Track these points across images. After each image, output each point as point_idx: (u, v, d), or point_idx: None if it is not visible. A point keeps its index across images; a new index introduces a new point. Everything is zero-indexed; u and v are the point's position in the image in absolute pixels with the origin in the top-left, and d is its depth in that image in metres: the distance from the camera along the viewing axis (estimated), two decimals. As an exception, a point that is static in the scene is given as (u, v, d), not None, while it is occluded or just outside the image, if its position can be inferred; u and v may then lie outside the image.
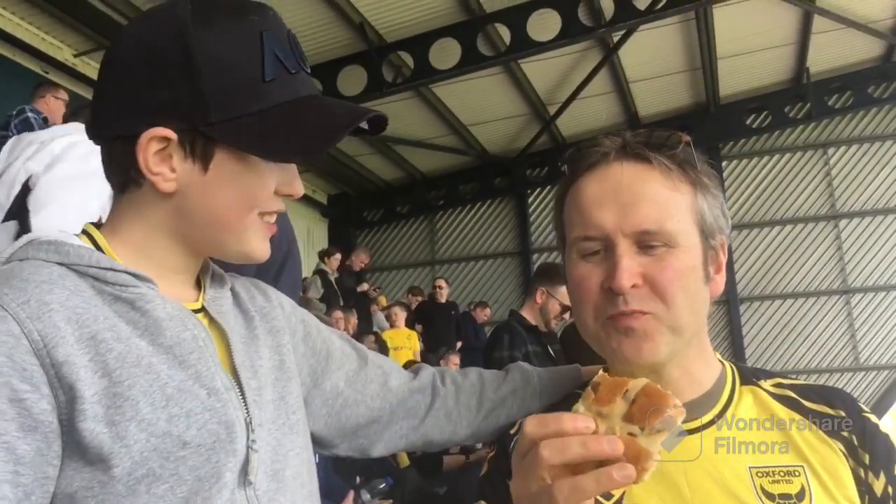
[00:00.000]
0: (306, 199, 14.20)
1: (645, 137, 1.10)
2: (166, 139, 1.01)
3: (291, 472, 1.09)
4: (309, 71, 1.09)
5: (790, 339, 13.62)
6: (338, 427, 1.30)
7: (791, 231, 13.92)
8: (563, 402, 1.25)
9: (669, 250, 1.05)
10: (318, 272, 10.41)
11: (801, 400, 1.13)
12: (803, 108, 13.47)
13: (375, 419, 1.32)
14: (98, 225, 1.10)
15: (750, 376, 1.18)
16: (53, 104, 6.49)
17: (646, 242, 1.05)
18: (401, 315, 10.23)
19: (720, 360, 1.19)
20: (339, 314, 8.84)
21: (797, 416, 1.11)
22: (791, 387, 1.16)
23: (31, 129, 6.12)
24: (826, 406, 1.12)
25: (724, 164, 14.18)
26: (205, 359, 1.03)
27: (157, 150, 1.01)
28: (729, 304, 13.85)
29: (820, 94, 13.24)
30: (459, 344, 10.24)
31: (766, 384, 1.16)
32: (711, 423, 1.10)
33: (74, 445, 0.93)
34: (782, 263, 13.85)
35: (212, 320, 1.11)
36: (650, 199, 1.06)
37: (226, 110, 1.00)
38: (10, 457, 0.89)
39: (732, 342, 13.64)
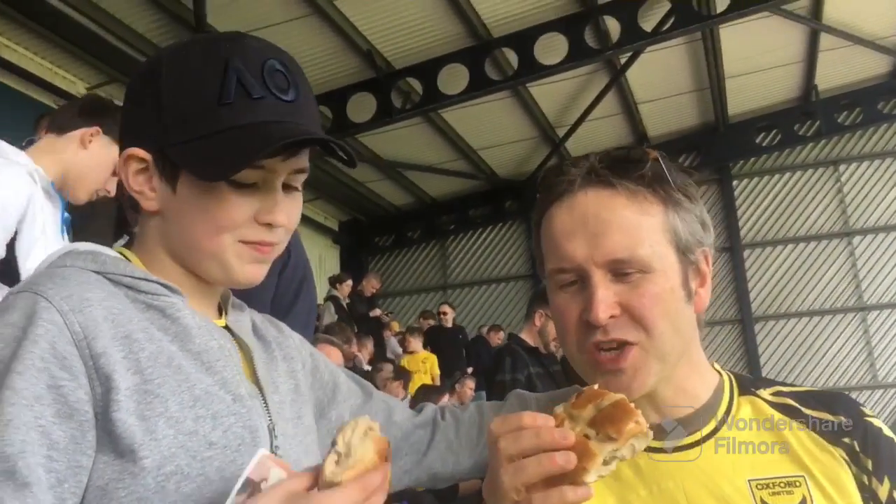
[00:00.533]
0: (317, 226, 14.24)
1: (610, 160, 1.08)
2: (144, 160, 1.07)
3: None
4: (288, 98, 1.07)
5: (807, 357, 13.50)
6: None
7: (804, 249, 13.85)
8: None
9: (644, 276, 1.03)
10: (331, 298, 10.42)
11: (800, 407, 1.11)
12: (813, 126, 13.47)
13: None
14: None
15: (749, 386, 1.15)
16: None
17: (619, 270, 1.03)
18: (414, 341, 10.21)
19: (717, 371, 1.17)
20: (349, 335, 8.80)
21: (797, 425, 1.09)
22: (791, 394, 1.14)
23: None
24: (826, 412, 1.09)
25: (734, 182, 14.18)
26: (230, 367, 1.08)
27: (138, 170, 1.08)
28: (744, 324, 13.78)
29: (829, 112, 13.23)
30: (471, 369, 10.18)
31: (765, 393, 1.14)
32: (709, 436, 1.08)
33: (107, 437, 0.95)
34: (797, 282, 13.78)
35: (234, 338, 1.16)
36: (618, 226, 1.03)
37: (181, 133, 1.04)
38: (45, 441, 0.92)
39: (749, 362, 13.54)
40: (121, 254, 1.13)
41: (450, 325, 11.28)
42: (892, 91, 13.13)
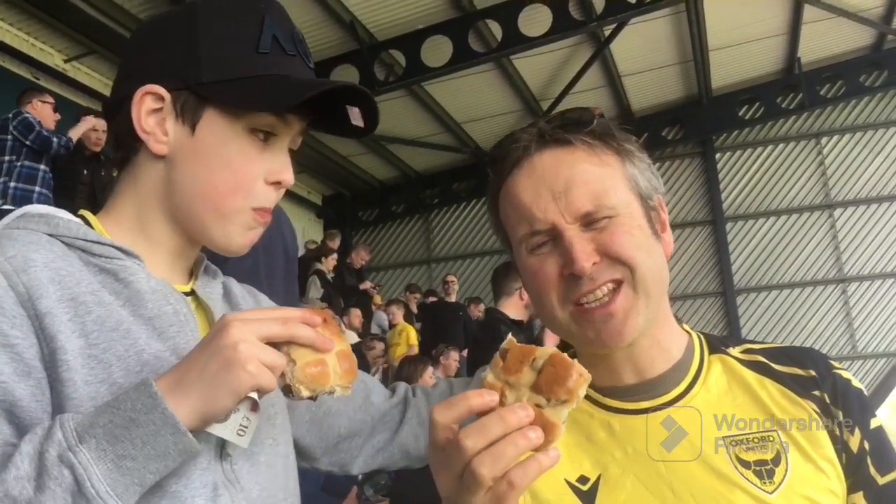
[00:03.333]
0: (301, 201, 14.17)
1: (559, 121, 1.09)
2: (161, 98, 1.06)
3: (266, 459, 1.11)
4: (311, 66, 1.13)
5: (787, 328, 13.64)
6: (319, 436, 1.31)
7: (786, 221, 13.95)
8: None
9: (612, 220, 1.04)
10: (316, 272, 10.40)
11: (770, 364, 1.11)
12: (795, 98, 13.51)
13: (356, 432, 1.35)
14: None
15: (718, 345, 1.15)
16: (41, 108, 6.50)
17: (589, 221, 1.04)
18: (398, 313, 10.27)
19: (686, 330, 1.17)
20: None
21: (767, 381, 1.09)
22: (761, 351, 1.14)
23: (32, 128, 6.13)
24: (797, 367, 1.10)
25: (717, 155, 14.22)
26: (184, 333, 1.07)
27: (152, 110, 1.07)
28: (726, 296, 13.89)
29: (812, 84, 13.27)
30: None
31: (735, 351, 1.14)
32: (681, 395, 1.09)
33: (56, 398, 0.96)
34: (778, 254, 13.89)
35: (199, 304, 1.15)
36: (582, 181, 1.04)
37: (217, 72, 1.06)
38: (8, 397, 0.92)
39: (730, 334, 13.66)
40: (82, 217, 1.12)
41: (454, 297, 11.33)
42: (875, 64, 13.17)
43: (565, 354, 0.85)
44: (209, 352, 0.90)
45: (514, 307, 4.50)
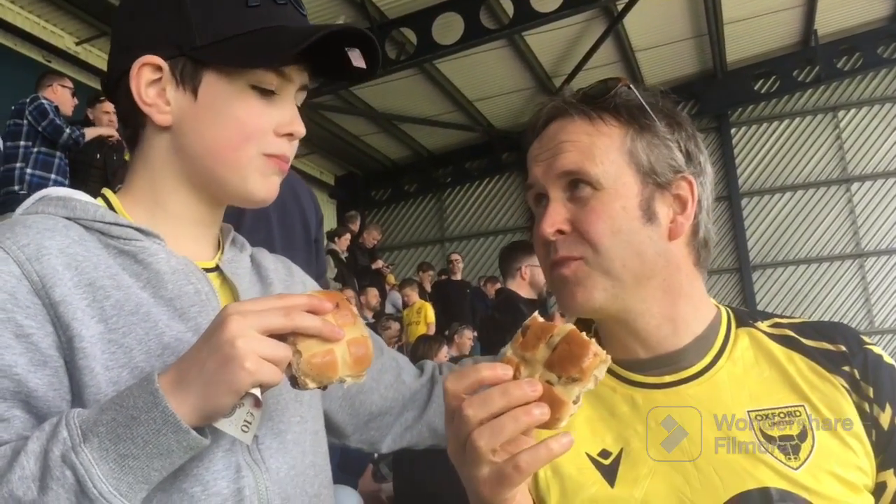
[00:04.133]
0: (313, 181, 14.18)
1: (581, 92, 1.12)
2: (158, 69, 1.05)
3: (293, 437, 1.10)
4: (304, 12, 1.12)
5: (804, 304, 13.57)
6: (351, 412, 1.31)
7: (802, 196, 13.83)
8: None
9: (595, 193, 1.05)
10: (329, 252, 10.43)
11: (799, 338, 1.09)
12: (812, 72, 13.34)
13: (387, 410, 1.34)
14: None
15: (746, 318, 1.14)
16: (61, 92, 6.48)
17: (572, 186, 1.06)
18: (412, 294, 10.31)
19: (715, 305, 1.15)
20: (350, 293, 8.88)
21: (796, 355, 1.07)
22: (789, 325, 1.12)
23: (46, 115, 6.12)
24: (826, 342, 1.08)
25: (732, 130, 14.09)
26: (206, 312, 1.05)
27: (151, 81, 1.05)
28: (742, 272, 13.82)
29: (828, 57, 13.09)
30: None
31: (763, 325, 1.12)
32: (706, 369, 1.07)
33: (76, 386, 0.95)
34: (794, 229, 13.78)
35: (225, 280, 1.14)
36: (572, 144, 1.07)
37: (210, 34, 1.04)
38: (23, 388, 0.92)
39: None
40: (105, 197, 1.11)
41: (458, 276, 11.36)
42: (892, 35, 12.98)
43: (583, 333, 0.84)
44: (208, 348, 0.88)
45: (520, 287, 4.50)
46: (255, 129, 1.06)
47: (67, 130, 6.22)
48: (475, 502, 0.87)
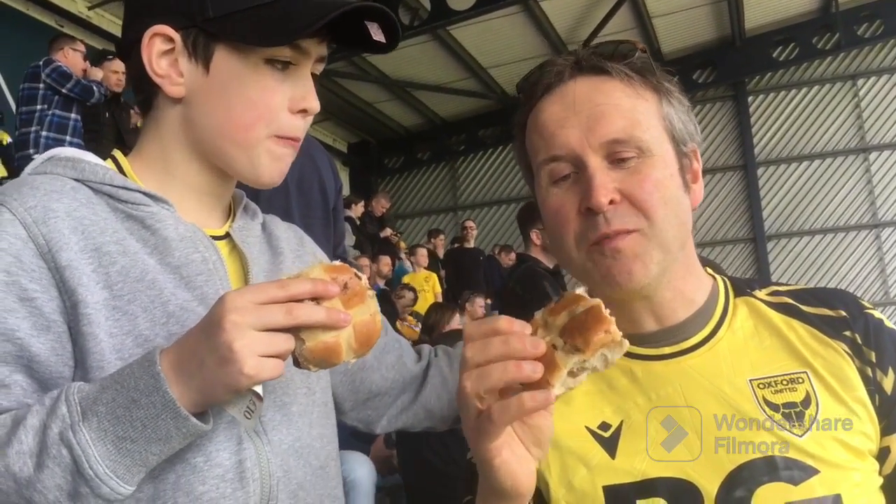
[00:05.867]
0: (327, 148, 14.13)
1: (600, 50, 1.05)
2: (170, 39, 1.02)
3: (298, 409, 1.09)
4: None
5: (819, 275, 13.49)
6: (351, 389, 1.30)
7: (820, 165, 13.69)
8: None
9: (644, 160, 1.00)
10: (347, 219, 10.46)
11: (798, 305, 1.08)
12: (832, 39, 13.11)
13: (386, 391, 1.33)
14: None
15: (744, 287, 1.12)
16: (72, 56, 6.48)
17: (617, 155, 0.99)
18: (423, 256, 10.32)
19: (711, 275, 1.13)
20: (365, 261, 8.91)
21: (796, 322, 1.05)
22: (788, 293, 1.11)
23: (69, 77, 6.12)
24: (825, 308, 1.06)
25: (749, 98, 13.93)
26: (213, 281, 1.04)
27: (163, 52, 1.03)
28: (756, 242, 13.74)
29: (849, 24, 12.86)
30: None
31: (762, 294, 1.11)
32: (706, 340, 1.06)
33: (79, 352, 0.94)
34: (811, 199, 13.66)
35: (234, 248, 1.12)
36: (615, 108, 1.00)
37: (223, 5, 1.01)
38: (25, 353, 0.91)
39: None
40: (115, 158, 1.09)
41: (472, 243, 11.37)
42: (916, 1, 12.72)
43: (607, 311, 0.81)
44: (207, 345, 0.84)
45: (537, 252, 4.42)
46: (267, 110, 1.04)
47: (95, 87, 6.24)
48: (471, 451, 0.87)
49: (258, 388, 0.89)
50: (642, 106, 1.02)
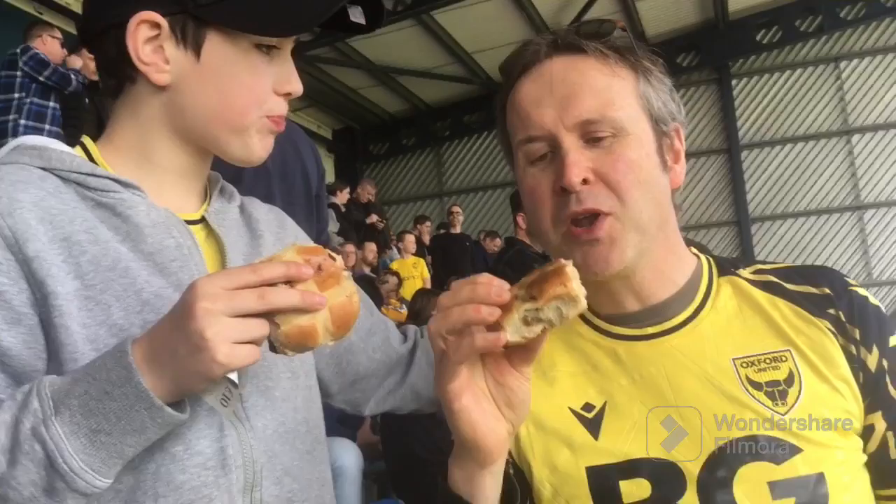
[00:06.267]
0: (311, 135, 14.06)
1: (578, 29, 1.04)
2: (157, 25, 0.99)
3: (282, 393, 1.07)
4: None
5: (802, 258, 13.58)
6: (337, 371, 1.28)
7: (803, 148, 13.75)
8: None
9: (618, 140, 0.99)
10: (331, 206, 10.41)
11: (782, 283, 1.07)
12: (815, 22, 13.19)
13: (373, 373, 1.31)
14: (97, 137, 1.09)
15: (728, 266, 1.12)
16: (50, 43, 6.39)
17: (592, 134, 0.99)
18: (410, 242, 10.31)
19: (695, 254, 1.13)
20: (350, 248, 8.88)
21: (779, 300, 1.05)
22: (772, 271, 1.10)
23: (46, 65, 6.04)
24: (809, 286, 1.06)
25: (733, 82, 13.96)
26: (188, 267, 1.02)
27: (148, 38, 1.00)
28: (740, 225, 13.81)
29: (832, 6, 12.94)
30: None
31: (746, 272, 1.10)
32: (689, 320, 1.05)
33: (51, 344, 0.93)
34: (794, 182, 13.74)
35: (210, 232, 1.10)
36: (588, 87, 1.00)
37: None
38: None
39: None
40: (84, 145, 1.07)
41: (458, 228, 11.37)
42: (898, -17, 12.78)
43: (572, 271, 0.82)
44: (179, 334, 0.82)
45: (525, 236, 4.45)
46: (258, 91, 1.03)
47: (72, 75, 6.17)
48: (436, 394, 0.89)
49: (233, 375, 0.88)
50: (618, 84, 1.01)
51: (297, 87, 1.06)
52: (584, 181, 0.98)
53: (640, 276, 1.05)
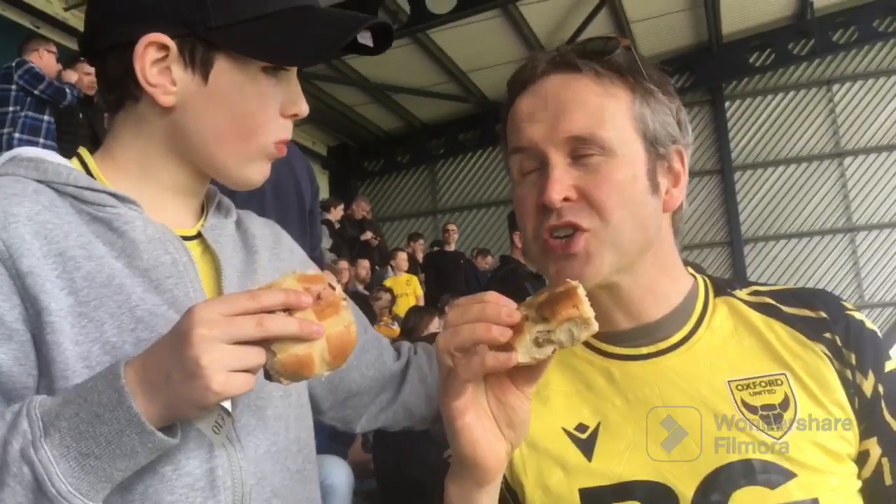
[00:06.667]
0: (306, 152, 14.08)
1: (579, 46, 1.05)
2: (165, 47, 0.98)
3: (273, 412, 1.06)
4: None
5: (794, 278, 13.60)
6: (329, 388, 1.27)
7: (795, 170, 13.81)
8: None
9: (606, 160, 0.99)
10: (325, 222, 10.40)
11: (779, 305, 1.07)
12: (807, 45, 13.26)
13: (366, 390, 1.30)
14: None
15: (724, 287, 1.11)
16: (46, 57, 6.40)
17: (579, 152, 0.99)
18: (403, 260, 10.30)
19: (692, 274, 1.13)
20: (344, 264, 8.87)
21: (776, 323, 1.04)
22: (769, 293, 1.10)
23: (41, 79, 6.04)
24: (806, 309, 1.05)
25: (727, 104, 14.04)
26: (183, 284, 1.01)
27: (155, 60, 0.98)
28: (733, 246, 13.84)
29: (824, 30, 13.00)
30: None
31: (742, 293, 1.10)
32: (684, 340, 1.05)
33: (43, 360, 0.91)
34: (787, 203, 13.78)
35: (206, 248, 1.09)
36: (580, 105, 1.00)
37: (226, 14, 0.97)
38: None
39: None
40: (81, 157, 1.06)
41: (453, 246, 11.38)
42: (889, 8, 12.86)
43: (583, 293, 0.82)
44: (174, 359, 0.81)
45: (520, 255, 4.43)
46: (265, 116, 1.02)
47: (67, 89, 6.17)
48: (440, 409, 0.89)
49: (226, 403, 0.87)
50: (612, 104, 1.01)
51: (303, 109, 1.06)
52: (566, 199, 0.98)
53: (628, 292, 1.05)
